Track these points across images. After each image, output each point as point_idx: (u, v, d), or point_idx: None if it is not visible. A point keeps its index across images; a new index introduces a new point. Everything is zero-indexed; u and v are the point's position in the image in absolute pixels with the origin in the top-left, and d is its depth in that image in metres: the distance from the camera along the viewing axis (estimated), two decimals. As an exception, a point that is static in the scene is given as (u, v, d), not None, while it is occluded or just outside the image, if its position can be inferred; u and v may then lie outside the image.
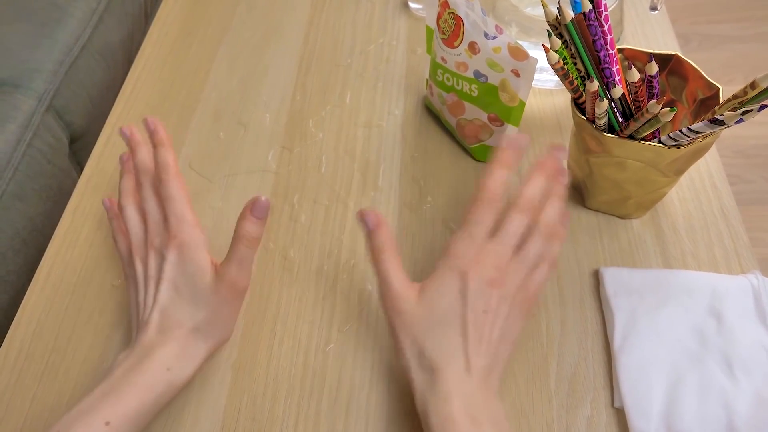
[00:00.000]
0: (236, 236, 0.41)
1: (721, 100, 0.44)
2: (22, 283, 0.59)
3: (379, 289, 0.41)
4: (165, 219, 0.43)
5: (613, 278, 0.47)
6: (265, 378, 0.44)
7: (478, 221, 0.40)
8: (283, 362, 0.45)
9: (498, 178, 0.41)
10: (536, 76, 0.54)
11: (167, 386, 0.39)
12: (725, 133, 0.46)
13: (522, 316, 0.40)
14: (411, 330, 0.39)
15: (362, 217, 0.41)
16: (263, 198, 0.41)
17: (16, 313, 0.48)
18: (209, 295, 0.41)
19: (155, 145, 0.45)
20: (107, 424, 0.36)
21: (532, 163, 0.44)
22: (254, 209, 0.41)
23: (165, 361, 0.39)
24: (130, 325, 0.47)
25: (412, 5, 0.70)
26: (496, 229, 0.40)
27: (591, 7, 0.42)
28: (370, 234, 0.41)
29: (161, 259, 0.42)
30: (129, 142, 0.47)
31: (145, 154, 0.46)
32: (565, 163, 0.54)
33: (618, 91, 0.43)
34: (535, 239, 0.41)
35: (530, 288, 0.40)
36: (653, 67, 0.41)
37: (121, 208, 0.46)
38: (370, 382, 0.44)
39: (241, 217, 0.41)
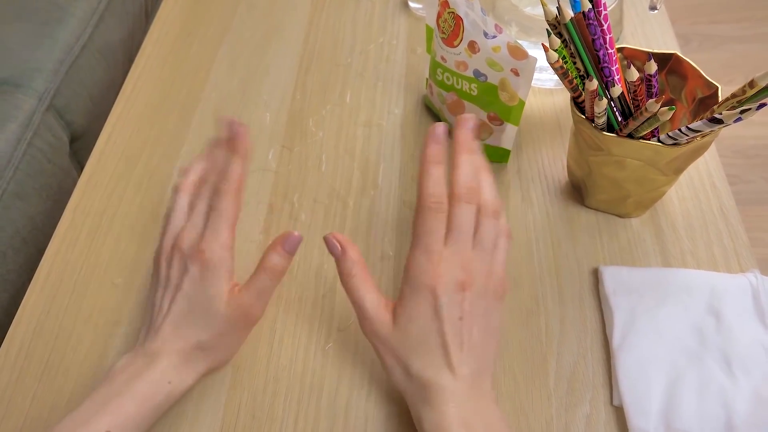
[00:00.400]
0: (261, 266, 0.41)
1: (720, 99, 0.44)
2: (22, 281, 0.59)
3: (355, 312, 0.41)
4: (204, 227, 0.42)
5: (613, 277, 0.47)
6: (265, 376, 0.44)
7: (429, 231, 0.39)
8: (283, 360, 0.45)
9: (434, 177, 0.40)
10: (536, 75, 0.54)
11: (166, 397, 0.39)
12: (724, 133, 0.46)
13: (498, 301, 0.40)
14: (393, 353, 0.39)
15: (327, 243, 0.41)
16: (296, 233, 0.41)
17: (16, 311, 0.48)
18: (220, 320, 0.40)
19: (232, 151, 0.43)
20: None
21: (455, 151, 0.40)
22: (286, 243, 0.41)
23: (167, 372, 0.39)
24: (131, 324, 0.47)
25: (411, 5, 0.70)
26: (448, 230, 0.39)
27: (590, 6, 0.42)
28: (338, 260, 0.41)
29: (184, 269, 0.41)
30: (233, 136, 0.44)
31: (237, 166, 0.43)
32: (564, 162, 0.54)
33: (617, 90, 0.43)
34: (485, 223, 0.40)
35: (497, 270, 0.40)
36: (652, 66, 0.41)
37: (176, 191, 0.44)
38: (369, 381, 0.44)
39: (270, 249, 0.41)
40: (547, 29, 0.44)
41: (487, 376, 0.39)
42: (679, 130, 0.41)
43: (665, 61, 0.48)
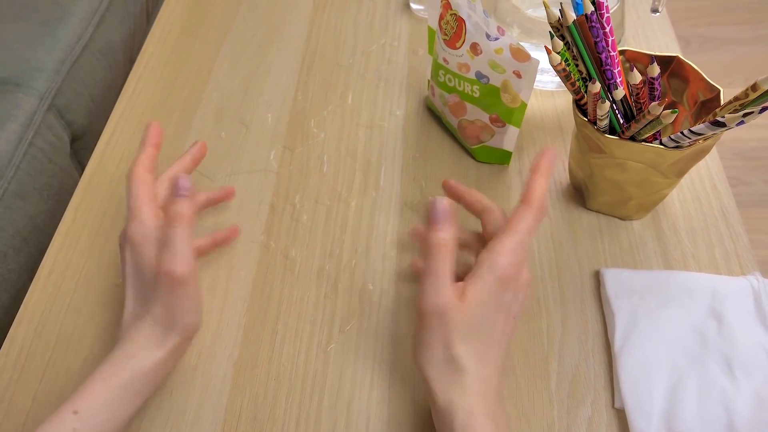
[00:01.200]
0: (165, 220, 0.40)
1: (722, 103, 0.44)
2: (23, 282, 0.59)
3: (421, 283, 0.38)
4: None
5: (614, 279, 0.47)
6: (266, 377, 0.44)
7: (525, 230, 0.38)
8: (285, 362, 0.45)
9: (544, 188, 0.40)
10: (537, 77, 0.55)
11: (133, 372, 0.39)
12: (725, 135, 0.46)
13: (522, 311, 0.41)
14: (446, 329, 0.37)
15: (432, 208, 0.38)
16: (183, 176, 0.41)
17: (17, 311, 0.48)
18: (153, 288, 0.40)
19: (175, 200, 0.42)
20: (75, 413, 0.36)
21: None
22: (176, 189, 0.40)
23: (128, 349, 0.39)
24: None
25: (413, 6, 0.70)
26: None
27: (593, 8, 0.42)
28: (432, 231, 0.38)
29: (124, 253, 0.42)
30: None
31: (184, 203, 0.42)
32: (566, 164, 0.55)
33: (620, 92, 0.43)
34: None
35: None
36: (655, 69, 0.41)
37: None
38: (371, 382, 0.44)
39: (167, 202, 0.41)
40: (549, 31, 0.44)
41: (503, 375, 0.39)
42: (682, 133, 0.41)
43: (667, 63, 0.48)
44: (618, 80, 0.44)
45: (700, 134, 0.40)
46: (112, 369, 0.38)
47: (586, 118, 0.45)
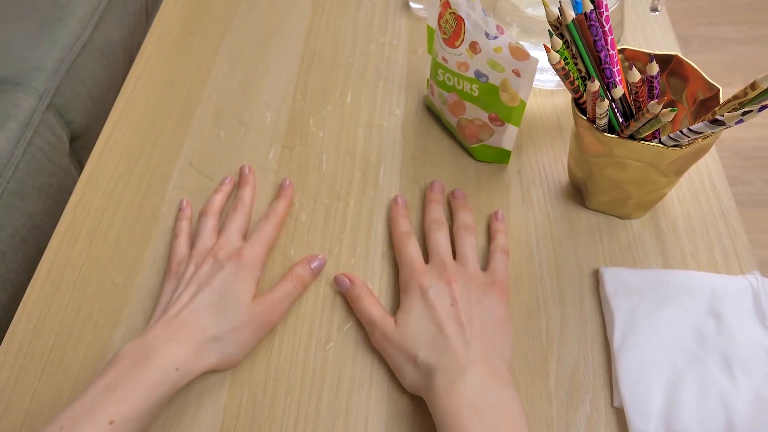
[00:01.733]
0: (288, 274, 0.46)
1: (722, 101, 0.44)
2: (22, 281, 0.59)
3: (366, 327, 0.45)
4: (242, 241, 0.48)
5: (613, 278, 0.47)
6: (265, 376, 0.44)
7: (407, 253, 0.47)
8: (283, 361, 0.45)
9: (401, 223, 0.50)
10: (537, 76, 0.55)
11: (171, 387, 0.39)
12: (724, 134, 0.46)
13: (497, 298, 0.44)
14: (400, 348, 0.42)
15: (337, 282, 0.47)
16: (322, 256, 0.49)
17: (15, 310, 0.48)
18: (243, 313, 0.43)
19: (279, 196, 0.52)
20: (111, 423, 0.35)
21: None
22: (313, 260, 0.48)
23: (174, 359, 0.39)
24: (130, 323, 0.47)
25: (413, 5, 0.70)
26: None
27: (592, 7, 0.42)
28: (347, 292, 0.47)
29: (218, 268, 0.45)
30: (244, 178, 0.54)
31: (248, 192, 0.52)
32: (565, 163, 0.54)
33: (619, 91, 0.43)
34: (459, 237, 0.48)
35: (478, 272, 0.46)
36: (654, 68, 0.41)
37: (201, 218, 0.50)
38: (369, 381, 0.44)
39: (298, 263, 0.48)
40: (549, 30, 0.44)
41: (497, 358, 0.40)
42: (681, 131, 0.41)
43: (666, 62, 0.48)
44: (617, 79, 0.44)
45: (699, 133, 0.40)
46: (153, 380, 0.38)
47: (586, 116, 0.45)
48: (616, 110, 0.45)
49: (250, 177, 0.54)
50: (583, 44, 0.43)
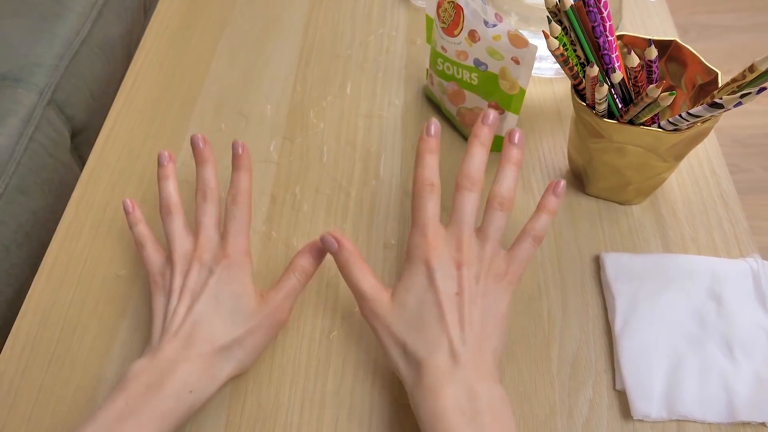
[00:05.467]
0: (290, 268, 0.43)
1: (720, 85, 0.44)
2: (26, 276, 0.59)
3: (355, 297, 0.42)
4: (222, 237, 0.44)
5: (614, 263, 0.47)
6: (270, 365, 0.45)
7: (424, 211, 0.41)
8: (288, 349, 0.45)
9: (428, 165, 0.43)
10: (536, 64, 0.55)
11: (187, 410, 0.38)
12: (723, 122, 0.46)
13: (499, 286, 0.40)
14: (390, 330, 0.39)
15: (323, 243, 0.43)
16: (327, 236, 0.43)
17: (20, 305, 0.48)
18: (250, 315, 0.41)
19: (238, 168, 0.45)
20: None
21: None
22: (313, 249, 0.44)
23: (188, 381, 0.38)
24: (135, 315, 0.47)
25: (411, -4, 0.70)
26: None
27: (590, -7, 0.42)
28: (335, 255, 0.42)
29: (207, 273, 0.42)
30: (199, 154, 0.46)
31: (210, 172, 0.46)
32: (565, 150, 0.55)
33: (618, 75, 0.43)
34: (489, 214, 0.41)
35: (498, 259, 0.41)
36: (653, 52, 0.41)
37: (165, 219, 0.45)
38: (374, 368, 0.44)
39: (299, 253, 0.44)
40: (547, 16, 0.44)
41: (490, 357, 0.38)
42: (680, 115, 0.41)
43: (665, 48, 0.48)
44: (616, 65, 0.44)
45: (698, 116, 0.40)
46: (168, 407, 0.37)
47: (585, 102, 0.45)
48: (615, 96, 0.45)
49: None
50: (581, 30, 0.43)
